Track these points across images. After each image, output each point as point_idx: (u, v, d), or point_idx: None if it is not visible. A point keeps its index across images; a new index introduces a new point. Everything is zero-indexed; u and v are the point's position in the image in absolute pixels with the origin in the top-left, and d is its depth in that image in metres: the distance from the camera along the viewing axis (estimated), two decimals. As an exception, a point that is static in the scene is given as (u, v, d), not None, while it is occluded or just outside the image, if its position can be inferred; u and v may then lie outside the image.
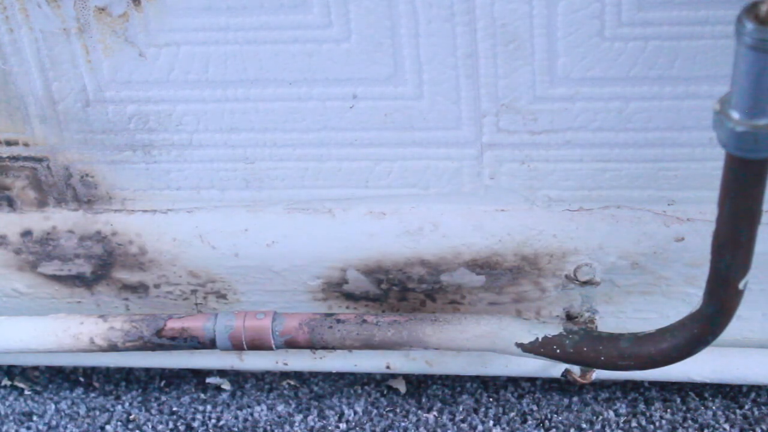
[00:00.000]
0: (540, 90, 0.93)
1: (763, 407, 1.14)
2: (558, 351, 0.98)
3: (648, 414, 1.15)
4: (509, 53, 0.91)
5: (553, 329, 0.99)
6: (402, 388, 1.22)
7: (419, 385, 1.22)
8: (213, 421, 1.20)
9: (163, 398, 1.25)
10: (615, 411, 1.16)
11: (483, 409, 1.18)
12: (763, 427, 1.12)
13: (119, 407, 1.24)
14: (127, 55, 0.97)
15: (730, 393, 1.16)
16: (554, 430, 1.14)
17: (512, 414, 1.17)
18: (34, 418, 1.23)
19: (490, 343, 1.00)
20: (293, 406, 1.21)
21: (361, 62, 0.94)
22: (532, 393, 1.19)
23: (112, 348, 1.05)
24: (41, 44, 0.97)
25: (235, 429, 1.19)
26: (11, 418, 1.24)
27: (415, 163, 1.01)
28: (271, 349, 1.03)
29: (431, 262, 1.05)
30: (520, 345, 0.99)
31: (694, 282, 1.03)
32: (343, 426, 1.18)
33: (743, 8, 0.66)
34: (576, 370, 1.09)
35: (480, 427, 1.16)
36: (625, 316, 1.08)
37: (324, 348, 1.03)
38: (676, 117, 0.93)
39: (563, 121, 0.95)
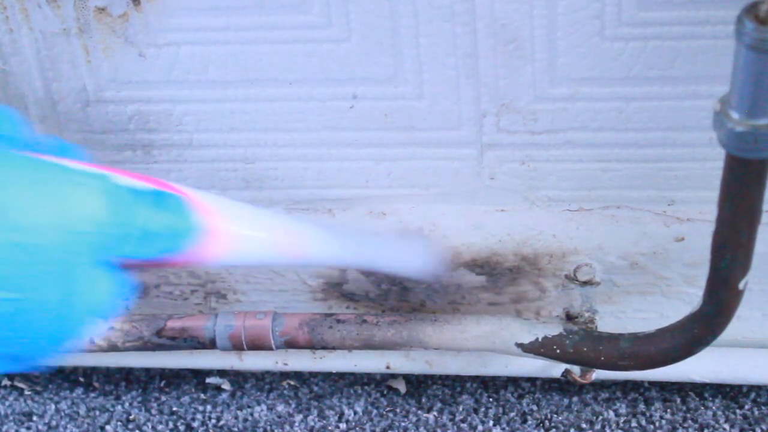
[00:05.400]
0: (540, 90, 0.93)
1: (763, 407, 1.14)
2: (558, 351, 0.99)
3: (648, 414, 1.15)
4: (509, 53, 0.91)
5: (553, 329, 0.99)
6: (402, 388, 1.22)
7: (419, 385, 1.22)
8: (213, 421, 1.20)
9: (163, 398, 1.24)
10: (615, 411, 1.15)
11: (483, 409, 1.18)
12: (763, 427, 1.12)
13: (119, 407, 1.24)
14: (127, 55, 0.97)
15: (730, 393, 1.16)
16: (554, 430, 1.14)
17: (512, 414, 1.17)
18: (34, 418, 1.23)
19: (490, 343, 1.00)
20: (293, 406, 1.21)
21: (361, 62, 0.94)
22: (532, 393, 1.19)
23: (112, 348, 1.05)
24: (41, 44, 0.97)
25: (235, 429, 1.19)
26: (11, 418, 1.24)
27: (415, 163, 1.01)
28: (271, 349, 1.03)
29: (431, 262, 1.06)
30: (520, 345, 0.99)
31: (694, 282, 1.03)
32: (343, 426, 1.18)
33: (743, 8, 0.66)
34: (576, 370, 1.09)
35: (480, 427, 1.16)
36: (625, 316, 1.08)
37: (324, 348, 1.03)
38: (676, 117, 0.93)
39: (563, 121, 0.95)
